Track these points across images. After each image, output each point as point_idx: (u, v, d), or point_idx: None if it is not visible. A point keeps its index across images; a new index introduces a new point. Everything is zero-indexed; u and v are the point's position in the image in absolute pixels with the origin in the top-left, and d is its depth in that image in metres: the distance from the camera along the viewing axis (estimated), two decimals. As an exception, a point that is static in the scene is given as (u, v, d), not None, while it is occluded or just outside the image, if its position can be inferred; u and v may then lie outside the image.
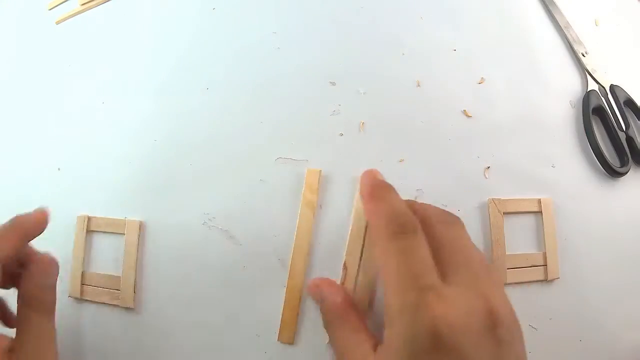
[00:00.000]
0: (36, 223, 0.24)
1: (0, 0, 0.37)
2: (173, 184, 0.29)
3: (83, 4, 0.34)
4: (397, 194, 0.24)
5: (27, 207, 0.30)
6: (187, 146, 0.29)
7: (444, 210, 0.23)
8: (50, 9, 0.35)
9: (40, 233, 0.24)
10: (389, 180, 0.28)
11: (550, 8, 0.34)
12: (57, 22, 0.35)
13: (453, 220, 0.22)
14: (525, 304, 0.27)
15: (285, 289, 0.26)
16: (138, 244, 0.28)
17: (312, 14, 0.32)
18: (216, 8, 0.32)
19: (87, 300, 0.28)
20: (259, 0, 0.32)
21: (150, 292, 0.28)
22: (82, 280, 0.28)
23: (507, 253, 0.27)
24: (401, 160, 0.29)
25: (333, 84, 0.30)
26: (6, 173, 0.32)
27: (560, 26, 0.34)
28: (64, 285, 0.28)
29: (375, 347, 0.20)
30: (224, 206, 0.28)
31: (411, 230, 0.21)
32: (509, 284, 0.27)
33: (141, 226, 0.28)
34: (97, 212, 0.29)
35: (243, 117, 0.30)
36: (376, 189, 0.24)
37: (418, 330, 0.18)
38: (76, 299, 0.29)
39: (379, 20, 0.32)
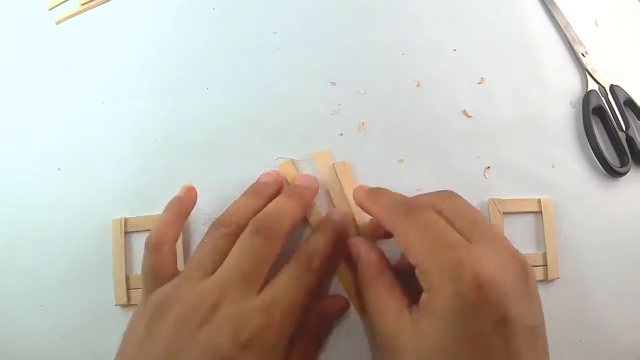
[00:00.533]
0: (189, 200, 0.27)
1: (1, 0, 0.37)
2: (173, 183, 0.29)
3: (83, 4, 0.34)
4: (391, 191, 0.24)
5: (26, 207, 0.30)
6: (187, 146, 0.29)
7: (435, 192, 0.24)
8: (50, 9, 0.35)
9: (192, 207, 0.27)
10: (389, 180, 0.28)
11: (550, 8, 0.34)
12: (57, 22, 0.34)
13: (450, 195, 0.23)
14: (525, 304, 0.27)
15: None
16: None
17: (312, 14, 0.32)
18: (216, 8, 0.32)
19: (135, 306, 0.26)
20: (259, 0, 0.32)
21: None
22: (127, 285, 0.27)
23: (507, 253, 0.27)
24: (401, 160, 0.29)
25: (333, 84, 0.30)
26: (6, 173, 0.32)
27: (560, 26, 0.34)
28: (108, 292, 0.27)
29: (409, 306, 0.20)
30: (224, 206, 0.28)
31: (423, 205, 0.21)
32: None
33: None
34: (97, 212, 0.29)
35: (243, 117, 0.30)
36: (372, 192, 0.25)
37: (462, 287, 0.18)
38: (123, 305, 0.27)
39: (379, 20, 0.32)
